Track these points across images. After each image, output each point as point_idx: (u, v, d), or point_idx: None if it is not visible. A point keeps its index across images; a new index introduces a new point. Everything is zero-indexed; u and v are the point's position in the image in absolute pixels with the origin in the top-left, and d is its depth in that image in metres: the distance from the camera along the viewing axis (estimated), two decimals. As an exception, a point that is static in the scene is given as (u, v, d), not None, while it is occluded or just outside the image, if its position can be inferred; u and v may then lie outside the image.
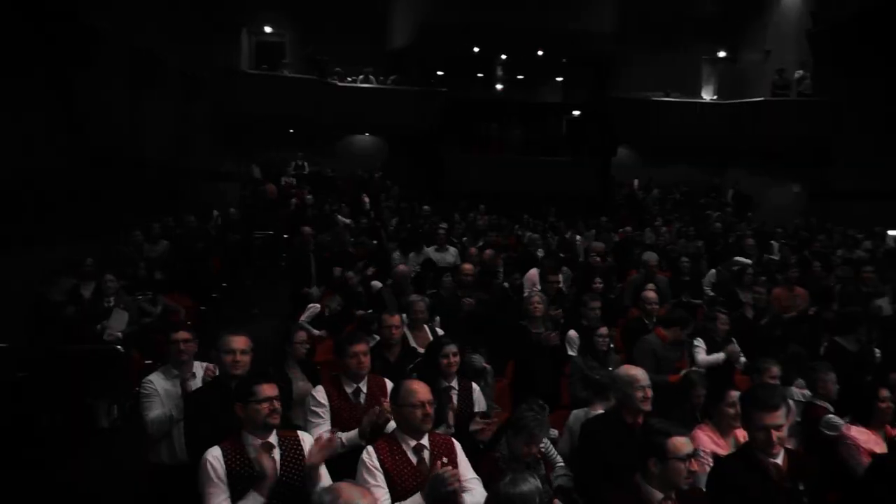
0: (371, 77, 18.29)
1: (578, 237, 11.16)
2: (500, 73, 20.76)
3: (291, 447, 3.27)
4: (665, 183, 19.45)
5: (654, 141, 18.93)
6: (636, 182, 19.24)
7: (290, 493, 3.16)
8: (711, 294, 8.70)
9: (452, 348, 4.42)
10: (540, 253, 9.42)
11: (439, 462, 3.22)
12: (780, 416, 3.08)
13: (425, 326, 5.89)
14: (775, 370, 4.78)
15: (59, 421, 6.53)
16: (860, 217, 14.24)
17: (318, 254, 9.13)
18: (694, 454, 2.98)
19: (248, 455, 3.15)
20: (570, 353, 5.99)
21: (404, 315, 5.74)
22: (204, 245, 10.14)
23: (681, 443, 2.96)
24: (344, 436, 3.77)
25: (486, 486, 3.37)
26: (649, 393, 3.81)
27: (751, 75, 18.70)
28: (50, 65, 7.96)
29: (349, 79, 18.09)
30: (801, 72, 16.87)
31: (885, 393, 4.20)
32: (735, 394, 4.02)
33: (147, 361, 6.82)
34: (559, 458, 4.55)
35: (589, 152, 17.84)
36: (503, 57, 19.41)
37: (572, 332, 6.13)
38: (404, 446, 3.34)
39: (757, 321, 7.23)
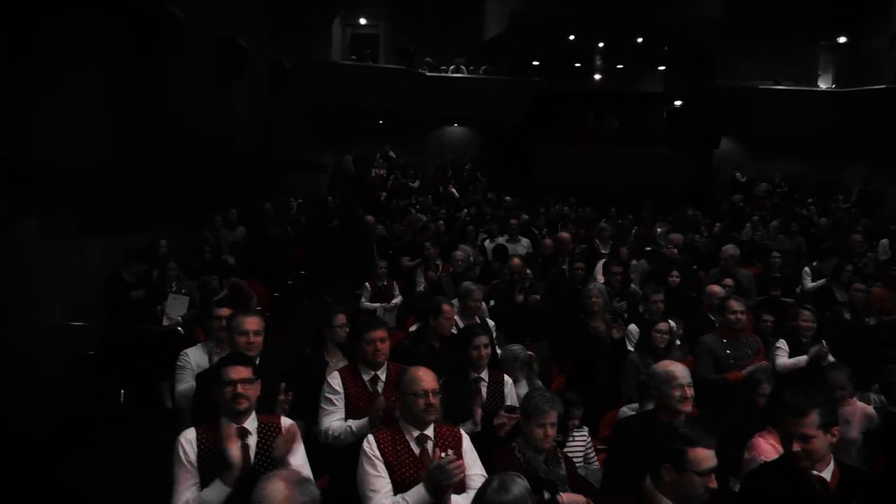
0: (462, 67, 18.09)
1: (658, 230, 10.55)
2: (598, 62, 20.09)
3: (271, 434, 3.08)
4: (774, 177, 18.15)
5: (762, 133, 17.75)
6: (737, 174, 18.06)
7: None
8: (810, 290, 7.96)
9: (483, 339, 4.16)
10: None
11: (443, 453, 2.99)
12: (807, 424, 2.62)
13: (476, 317, 5.64)
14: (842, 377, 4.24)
15: (128, 400, 6.76)
16: None
17: (381, 242, 9.08)
18: (714, 470, 2.56)
19: (221, 440, 2.97)
20: (630, 348, 5.58)
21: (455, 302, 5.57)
22: (280, 232, 10.23)
23: (704, 455, 2.56)
24: (354, 424, 3.62)
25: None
26: (689, 392, 3.40)
27: (874, 62, 17.13)
28: (136, 55, 8.21)
29: (441, 68, 17.95)
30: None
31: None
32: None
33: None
34: (596, 461, 4.21)
35: (688, 144, 16.95)
36: (600, 45, 18.70)
37: (632, 327, 5.71)
38: (407, 436, 3.15)
39: (856, 322, 6.55)
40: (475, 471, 3.12)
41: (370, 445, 3.09)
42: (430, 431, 3.16)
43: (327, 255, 11.40)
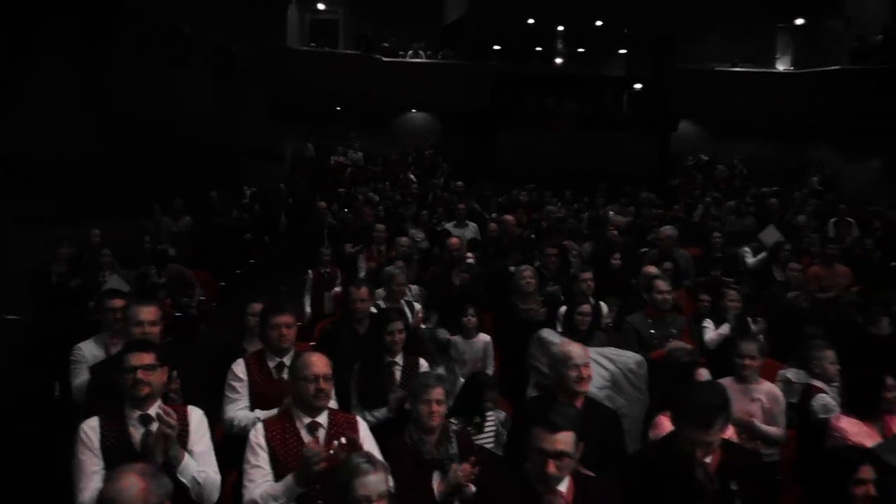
0: (421, 53, 17.95)
1: (612, 213, 10.55)
2: (559, 46, 20.07)
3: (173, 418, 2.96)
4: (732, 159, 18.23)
5: (721, 115, 17.83)
6: (690, 158, 18.15)
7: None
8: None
9: (398, 324, 4.10)
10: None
11: (335, 442, 2.92)
12: (711, 434, 2.58)
13: (403, 301, 5.58)
14: (751, 348, 4.24)
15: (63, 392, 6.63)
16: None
17: (332, 230, 8.97)
18: (563, 454, 2.42)
19: (125, 428, 2.94)
20: (559, 330, 5.54)
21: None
22: (228, 220, 10.09)
23: (542, 435, 2.43)
24: (263, 415, 3.52)
25: (393, 474, 3.06)
26: (586, 372, 3.34)
27: (831, 44, 17.24)
28: (76, 42, 8.02)
29: (400, 53, 17.79)
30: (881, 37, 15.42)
31: (891, 382, 3.59)
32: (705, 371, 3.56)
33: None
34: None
35: (649, 128, 16.99)
36: (560, 29, 18.64)
37: (562, 309, 5.68)
38: (298, 424, 3.05)
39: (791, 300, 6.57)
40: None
41: (256, 434, 3.00)
42: (323, 419, 3.07)
43: (281, 243, 11.25)
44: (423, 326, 5.64)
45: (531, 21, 17.82)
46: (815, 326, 5.42)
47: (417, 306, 5.75)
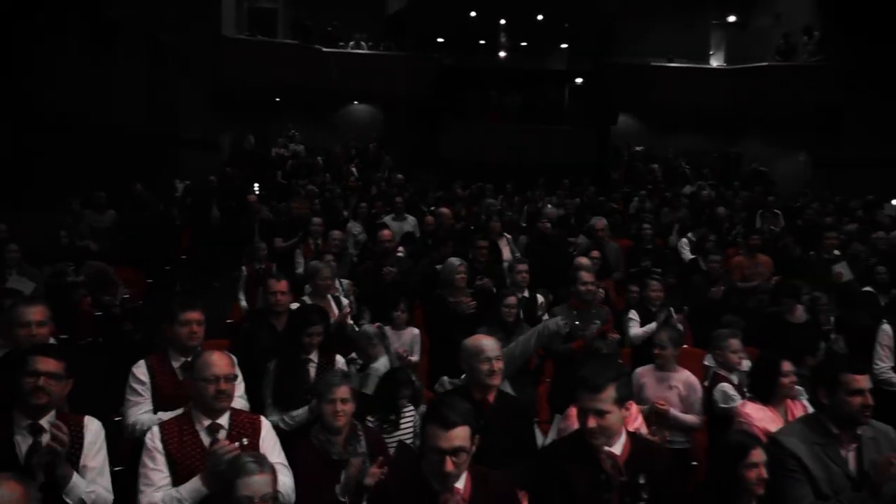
0: (363, 44, 17.80)
1: (549, 206, 10.65)
2: (502, 39, 20.16)
3: (71, 433, 2.80)
4: (673, 152, 18.63)
5: (658, 109, 18.21)
6: (627, 151, 18.49)
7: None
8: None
9: (318, 328, 4.06)
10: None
11: (237, 443, 2.88)
12: (603, 399, 2.59)
13: (329, 296, 5.53)
14: (663, 337, 4.38)
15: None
16: (869, 186, 13.52)
17: (265, 224, 8.85)
18: (460, 450, 2.41)
19: (10, 435, 2.76)
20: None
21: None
22: (155, 214, 9.82)
23: (441, 435, 2.41)
24: (167, 417, 3.39)
25: (301, 475, 3.06)
26: (497, 366, 3.36)
27: (761, 40, 17.76)
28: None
29: (340, 44, 17.61)
30: (815, 34, 15.92)
31: (787, 367, 3.71)
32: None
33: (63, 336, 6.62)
34: None
35: (589, 121, 17.24)
36: (502, 22, 18.73)
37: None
38: (197, 426, 2.98)
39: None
40: (275, 460, 2.96)
41: (152, 437, 2.91)
42: (224, 420, 3.01)
43: (215, 237, 11.06)
44: (351, 322, 5.62)
45: (473, 14, 17.87)
46: (734, 316, 5.57)
47: (345, 301, 5.72)
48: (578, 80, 18.87)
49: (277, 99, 18.19)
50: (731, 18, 18.74)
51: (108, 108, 10.82)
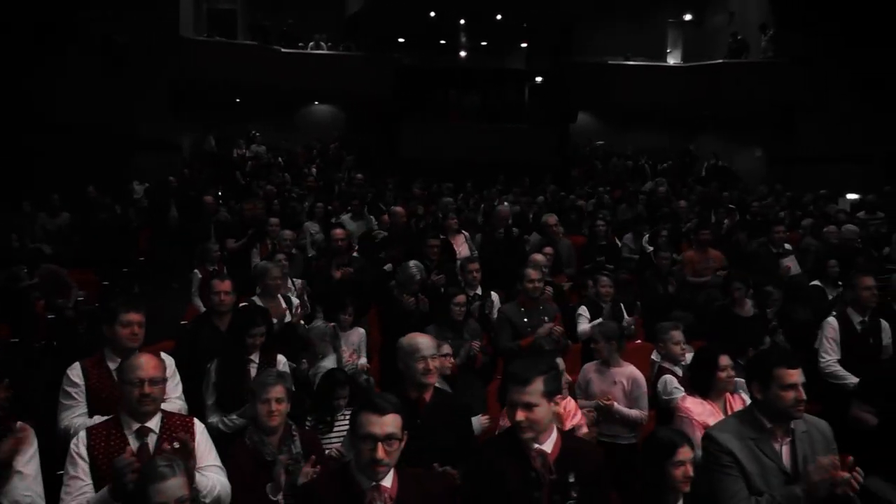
0: (322, 44, 17.70)
1: (505, 204, 10.67)
2: (462, 39, 20.18)
3: None
4: (632, 149, 18.83)
5: (617, 107, 18.40)
6: (589, 147, 18.66)
7: None
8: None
9: (262, 329, 4.05)
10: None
11: (167, 446, 2.82)
12: (531, 392, 2.58)
13: (279, 296, 5.49)
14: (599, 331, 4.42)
15: None
16: (824, 182, 13.82)
17: (221, 225, 8.74)
18: (392, 437, 2.43)
19: None
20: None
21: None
22: (111, 216, 9.67)
23: (374, 421, 2.42)
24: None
25: (233, 476, 3.02)
26: (432, 365, 3.35)
27: (716, 38, 18.05)
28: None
29: (300, 45, 17.48)
30: (769, 32, 16.20)
31: (724, 361, 3.76)
32: (561, 360, 3.63)
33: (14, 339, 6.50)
34: None
35: (549, 119, 17.34)
36: (462, 22, 18.75)
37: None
38: (126, 430, 2.92)
39: (662, 286, 6.86)
40: (209, 462, 2.96)
41: (77, 443, 2.85)
42: (154, 423, 2.96)
43: (173, 239, 10.88)
44: (302, 322, 5.59)
45: (433, 14, 17.86)
46: (683, 310, 5.64)
47: (296, 301, 5.68)
48: (538, 79, 18.96)
49: (238, 100, 18.00)
50: (688, 17, 19.00)
51: (63, 110, 10.64)
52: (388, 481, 2.43)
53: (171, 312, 7.21)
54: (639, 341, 5.99)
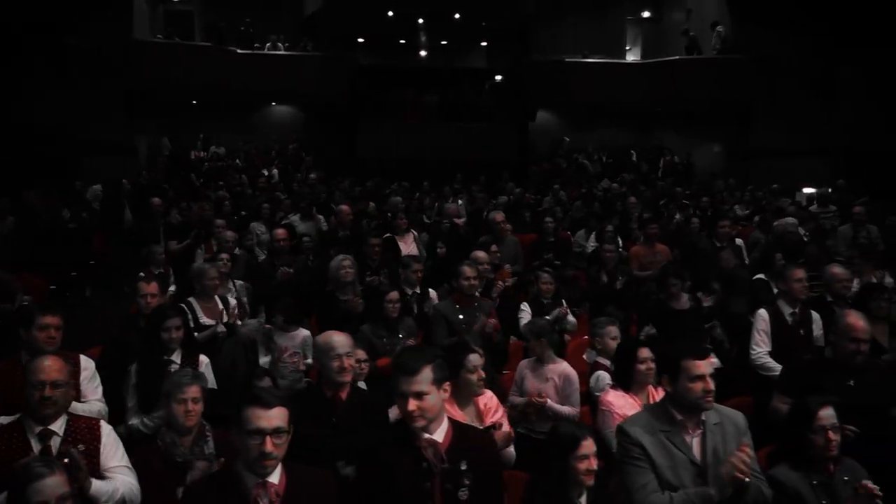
0: (280, 45, 17.56)
1: (460, 202, 10.68)
2: (422, 39, 20.17)
3: None
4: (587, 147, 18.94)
5: (576, 105, 18.48)
6: (561, 148, 18.75)
7: None
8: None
9: (176, 321, 3.99)
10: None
11: (71, 450, 2.76)
12: (420, 381, 2.53)
13: (216, 297, 5.41)
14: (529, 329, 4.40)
15: None
16: (781, 176, 14.02)
17: (171, 227, 8.63)
18: (280, 430, 2.37)
19: None
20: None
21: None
22: (55, 221, 9.48)
23: (261, 415, 2.36)
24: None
25: (143, 478, 2.97)
26: (348, 363, 3.31)
27: (675, 35, 18.22)
28: None
29: (256, 46, 17.33)
30: (720, 28, 16.39)
31: (644, 353, 3.75)
32: (477, 357, 3.57)
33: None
34: None
35: (507, 118, 17.38)
36: (420, 21, 18.73)
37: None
38: (28, 433, 2.88)
39: (611, 281, 6.88)
40: (114, 463, 2.93)
41: None
42: (58, 426, 2.91)
43: (127, 241, 10.70)
44: (240, 323, 5.51)
45: (391, 14, 17.81)
46: (615, 306, 5.65)
47: (233, 301, 5.60)
48: (498, 78, 19.01)
49: (194, 101, 17.79)
50: (646, 14, 19.16)
51: (15, 112, 10.46)
52: (275, 477, 2.38)
53: (122, 315, 7.11)
54: (586, 337, 5.99)
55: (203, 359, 4.08)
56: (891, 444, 3.38)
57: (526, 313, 5.81)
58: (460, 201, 10.63)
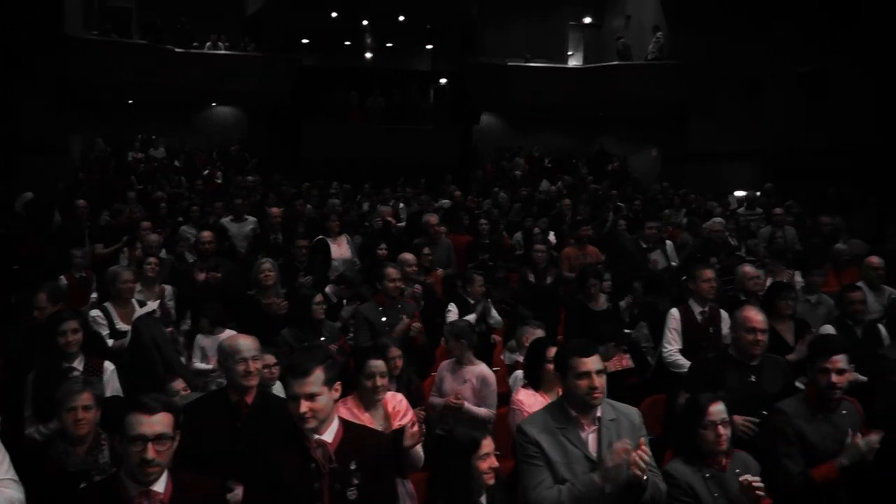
0: (220, 44, 17.29)
1: (401, 205, 10.70)
2: (368, 40, 20.13)
3: None
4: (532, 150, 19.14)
5: (519, 108, 18.64)
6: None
7: None
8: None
9: (72, 324, 3.89)
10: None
11: None
12: (312, 382, 2.54)
13: (133, 301, 5.31)
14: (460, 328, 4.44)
15: None
16: (715, 179, 14.39)
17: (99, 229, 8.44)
18: (163, 437, 2.34)
19: None
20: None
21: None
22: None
23: (143, 421, 2.34)
24: None
25: (32, 490, 2.86)
26: (254, 366, 3.28)
27: (615, 41, 18.49)
28: None
29: (195, 44, 17.02)
30: (660, 35, 16.73)
31: (552, 353, 3.79)
32: (378, 363, 3.57)
33: None
34: None
35: (451, 120, 17.46)
36: (365, 23, 18.69)
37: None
38: None
39: (540, 281, 6.99)
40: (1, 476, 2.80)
41: None
42: None
43: (56, 244, 10.38)
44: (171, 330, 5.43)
45: (335, 15, 17.72)
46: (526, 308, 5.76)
47: (153, 305, 5.50)
48: (442, 81, 19.08)
49: (130, 101, 17.37)
50: (587, 20, 19.44)
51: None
52: (160, 485, 2.35)
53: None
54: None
55: (108, 365, 3.99)
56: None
57: (453, 313, 5.87)
58: (402, 204, 10.64)
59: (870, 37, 11.20)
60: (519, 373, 4.42)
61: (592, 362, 2.87)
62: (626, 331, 5.83)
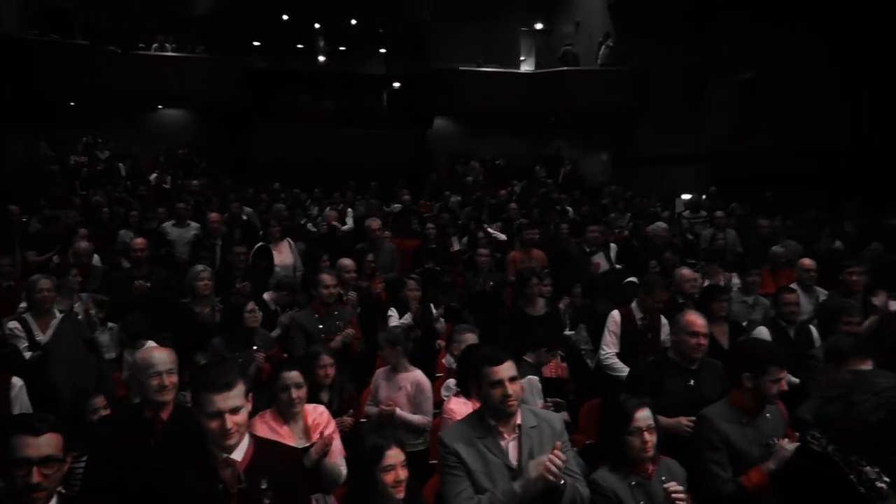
0: (167, 46, 16.94)
1: (350, 210, 10.55)
2: (321, 44, 19.97)
3: None
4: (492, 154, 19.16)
5: (471, 112, 18.68)
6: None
7: None
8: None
9: None
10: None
11: None
12: (234, 395, 2.43)
13: (55, 311, 5.09)
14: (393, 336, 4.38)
15: None
16: (662, 183, 14.58)
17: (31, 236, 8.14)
18: (50, 459, 2.23)
19: None
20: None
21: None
22: None
23: (29, 443, 2.23)
24: None
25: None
26: (169, 381, 3.15)
27: (562, 47, 18.65)
28: None
29: (141, 46, 16.65)
30: (610, 42, 16.92)
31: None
32: (292, 375, 3.45)
33: None
34: None
35: (405, 124, 17.40)
36: (317, 26, 18.53)
37: None
38: None
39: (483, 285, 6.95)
40: None
41: None
42: None
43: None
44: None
45: (286, 17, 17.54)
46: (469, 312, 5.71)
47: (79, 311, 5.29)
48: (396, 85, 19.02)
49: (72, 103, 16.89)
50: (539, 26, 19.57)
51: None
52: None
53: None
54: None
55: (16, 381, 3.78)
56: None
57: (394, 318, 5.79)
58: (350, 209, 10.50)
59: (809, 43, 11.46)
60: (451, 381, 4.36)
61: (504, 370, 2.80)
62: (567, 332, 5.83)
